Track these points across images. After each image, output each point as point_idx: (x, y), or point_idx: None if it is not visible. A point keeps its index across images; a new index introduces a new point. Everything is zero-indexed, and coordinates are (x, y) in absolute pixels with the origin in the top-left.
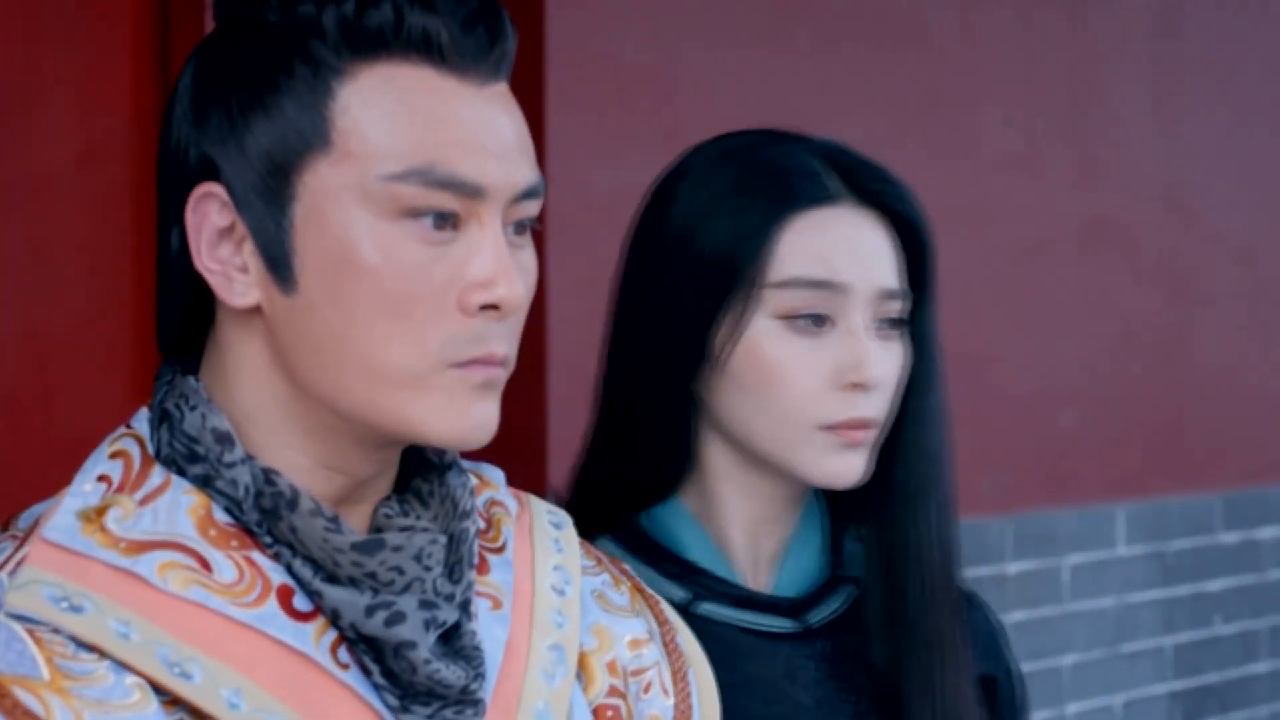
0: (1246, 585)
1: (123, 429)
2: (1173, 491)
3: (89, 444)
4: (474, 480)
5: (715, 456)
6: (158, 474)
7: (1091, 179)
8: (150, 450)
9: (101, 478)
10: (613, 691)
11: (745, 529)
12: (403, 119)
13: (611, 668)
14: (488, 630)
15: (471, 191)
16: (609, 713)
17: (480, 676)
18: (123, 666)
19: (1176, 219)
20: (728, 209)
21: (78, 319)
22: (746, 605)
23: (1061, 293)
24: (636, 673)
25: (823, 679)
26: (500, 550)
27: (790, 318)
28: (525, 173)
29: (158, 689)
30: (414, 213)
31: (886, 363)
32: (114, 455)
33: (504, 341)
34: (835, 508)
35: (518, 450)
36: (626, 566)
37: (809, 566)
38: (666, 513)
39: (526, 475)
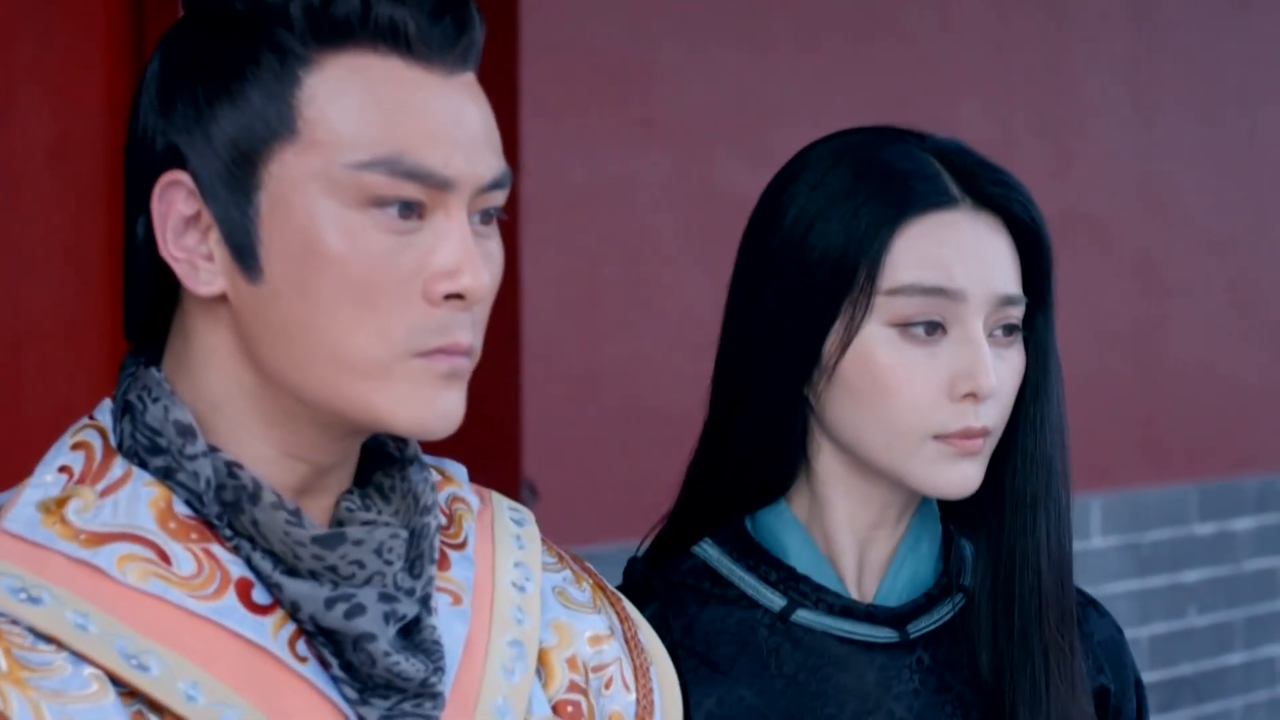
0: (1221, 576)
1: (85, 420)
2: (1148, 483)
3: (62, 434)
4: (436, 475)
5: (825, 461)
6: (119, 466)
7: (1067, 171)
8: (112, 442)
9: (63, 469)
10: (573, 687)
11: (854, 535)
12: (369, 108)
13: (572, 663)
14: (448, 625)
15: (438, 183)
16: (569, 708)
17: (440, 670)
18: (80, 658)
19: (1152, 211)
20: (841, 212)
21: (52, 310)
22: (844, 614)
23: None
24: (597, 669)
25: (920, 690)
26: (461, 546)
27: (904, 325)
28: (492, 163)
29: (115, 680)
30: (380, 202)
31: (1002, 371)
32: (76, 446)
33: (469, 331)
34: (950, 513)
35: (492, 442)
36: (589, 565)
37: (920, 574)
38: (772, 516)
39: (501, 467)
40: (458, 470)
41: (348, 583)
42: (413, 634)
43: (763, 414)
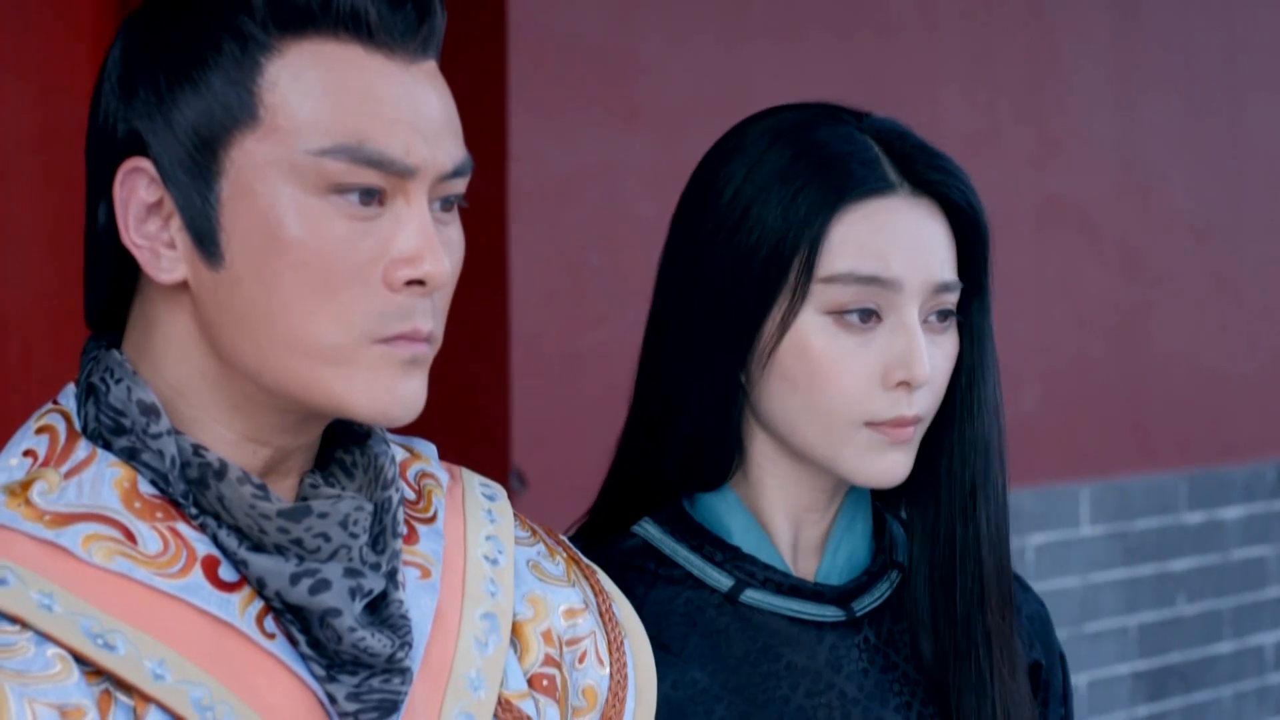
0: (1210, 565)
1: (49, 405)
2: (1136, 471)
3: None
4: (400, 451)
5: (761, 448)
6: (83, 448)
7: (1050, 160)
8: (77, 425)
9: (27, 453)
10: (548, 660)
11: (789, 517)
12: (330, 95)
13: (547, 637)
14: (415, 599)
15: (399, 170)
16: (544, 682)
17: (407, 645)
18: (45, 638)
19: (1135, 199)
20: (779, 194)
21: (35, 298)
22: (793, 594)
23: (1020, 273)
24: (571, 642)
25: (869, 668)
26: (430, 520)
27: (839, 313)
28: (452, 151)
29: (81, 660)
30: (340, 189)
31: (936, 358)
32: (40, 430)
33: (429, 317)
34: (880, 495)
35: (480, 428)
36: (563, 538)
37: (855, 553)
38: (715, 498)
39: (489, 453)
40: (426, 448)
41: (313, 557)
42: (379, 609)
43: (702, 401)
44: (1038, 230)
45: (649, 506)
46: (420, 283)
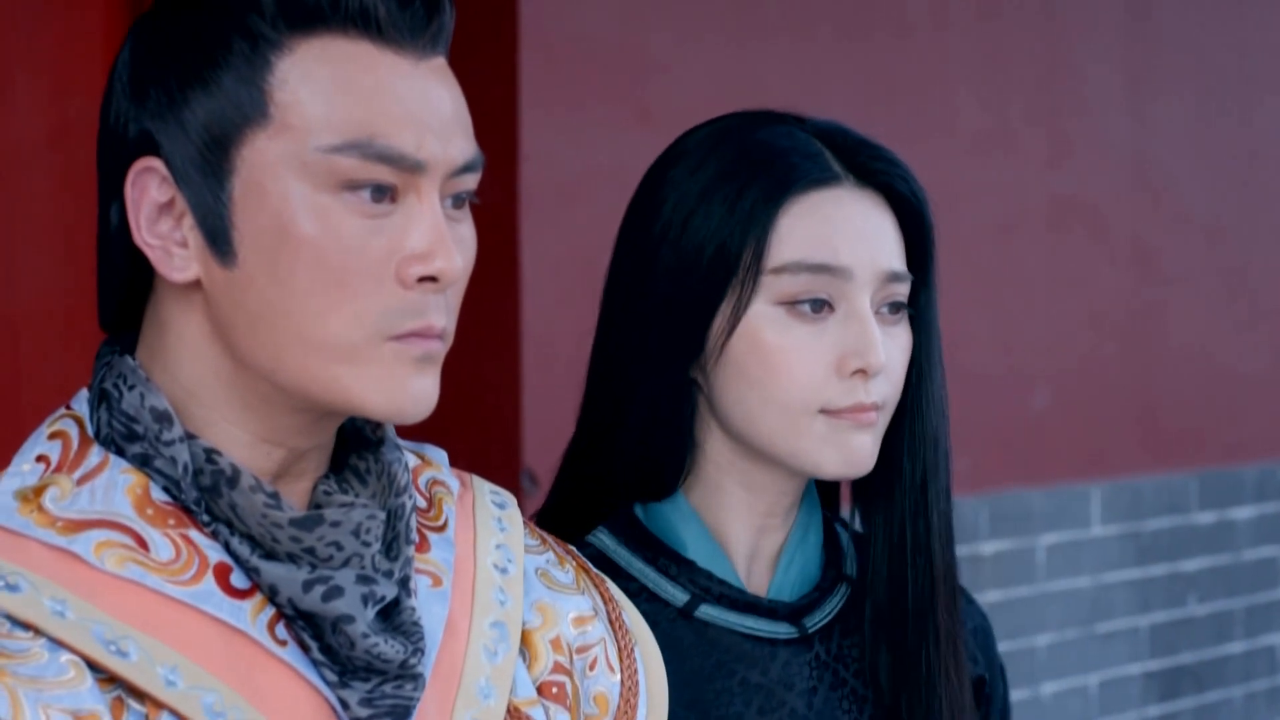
0: (1221, 565)
1: (62, 410)
2: (1147, 471)
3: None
4: (412, 458)
5: (717, 448)
6: (96, 454)
7: (1062, 159)
8: (89, 431)
9: (40, 458)
10: (557, 668)
11: (748, 525)
12: (341, 92)
13: (556, 644)
14: (427, 607)
15: (410, 166)
16: (554, 689)
17: (419, 651)
18: (58, 644)
19: (1146, 198)
20: (723, 194)
21: (49, 298)
22: (748, 610)
23: (1033, 272)
24: (581, 649)
25: (818, 686)
26: (441, 528)
27: (790, 304)
28: (463, 147)
29: (94, 666)
30: (352, 185)
31: (891, 349)
32: (53, 436)
33: (442, 314)
34: (826, 502)
35: (492, 430)
36: (572, 547)
37: (808, 567)
38: (669, 507)
39: (500, 453)
40: (438, 455)
41: (325, 565)
42: (392, 616)
43: (652, 401)
44: (1049, 230)
45: (599, 511)
46: (433, 279)
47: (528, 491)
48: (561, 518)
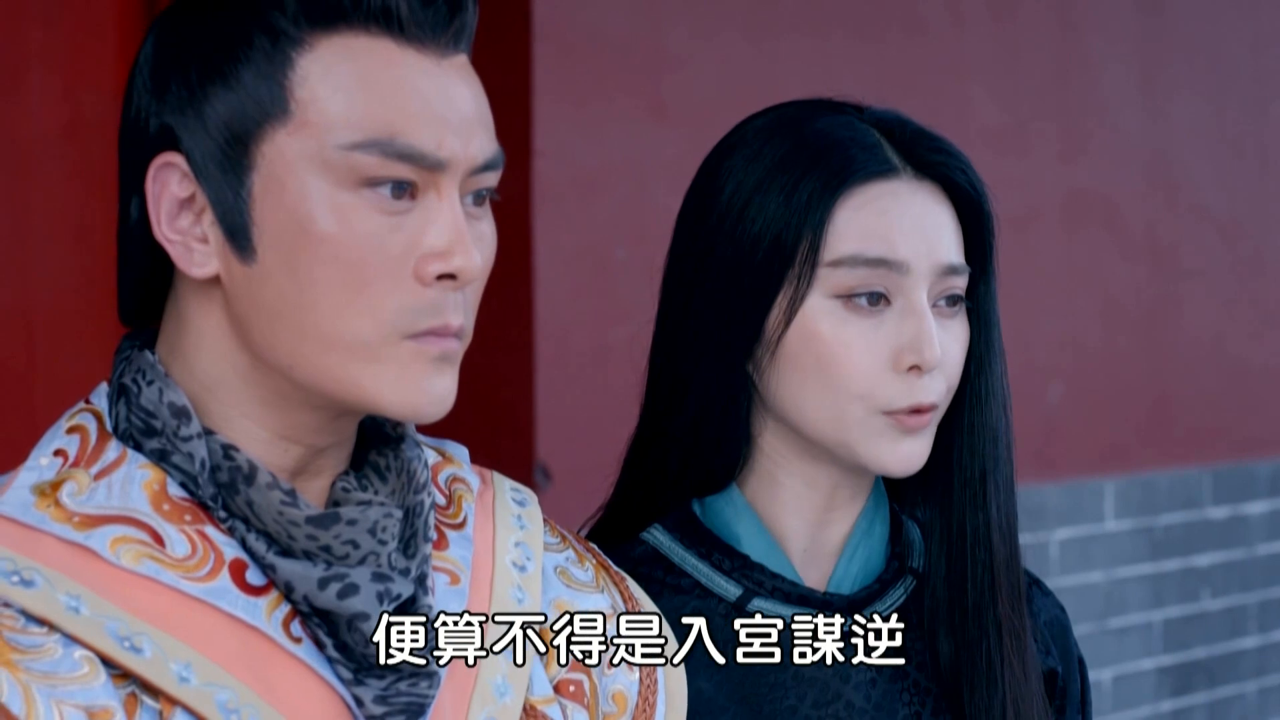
0: (1235, 560)
1: (81, 404)
2: (1161, 466)
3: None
4: (433, 454)
5: (773, 442)
6: (113, 449)
7: (1077, 154)
8: (108, 425)
9: (58, 452)
10: (575, 666)
11: (806, 519)
12: (361, 89)
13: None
14: (444, 605)
15: (431, 163)
16: (571, 687)
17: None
18: (72, 640)
19: (1161, 193)
20: (780, 184)
21: (63, 293)
22: (801, 603)
23: (1047, 267)
24: None
25: (877, 678)
26: (460, 526)
27: (846, 297)
28: (484, 144)
29: (107, 662)
30: (372, 182)
31: (947, 343)
32: (71, 430)
33: (460, 312)
34: (898, 494)
35: (504, 424)
36: (593, 546)
37: (873, 559)
38: (723, 502)
39: (514, 448)
40: (458, 451)
41: (341, 563)
42: (408, 613)
43: (707, 393)
44: (1064, 225)
45: (659, 508)
46: (451, 277)
47: (541, 486)
48: (624, 513)
